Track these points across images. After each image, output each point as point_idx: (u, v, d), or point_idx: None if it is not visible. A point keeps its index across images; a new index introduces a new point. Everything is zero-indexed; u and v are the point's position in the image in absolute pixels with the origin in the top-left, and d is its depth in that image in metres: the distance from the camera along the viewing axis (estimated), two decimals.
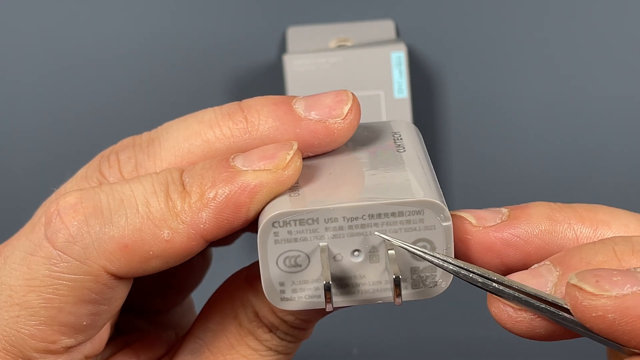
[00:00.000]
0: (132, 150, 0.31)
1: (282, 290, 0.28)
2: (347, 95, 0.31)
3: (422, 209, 0.28)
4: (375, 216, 0.28)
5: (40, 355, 0.29)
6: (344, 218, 0.28)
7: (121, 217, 0.28)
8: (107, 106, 0.58)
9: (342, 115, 0.30)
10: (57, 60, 0.58)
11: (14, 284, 0.29)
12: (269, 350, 0.32)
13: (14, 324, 0.29)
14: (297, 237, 0.28)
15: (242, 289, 0.32)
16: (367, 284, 0.28)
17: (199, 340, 0.32)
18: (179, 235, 0.28)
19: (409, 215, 0.28)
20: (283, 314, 0.31)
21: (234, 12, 0.58)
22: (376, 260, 0.28)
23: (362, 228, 0.28)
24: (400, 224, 0.28)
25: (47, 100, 0.58)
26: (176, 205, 0.28)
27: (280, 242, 0.28)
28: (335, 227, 0.28)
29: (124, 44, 0.58)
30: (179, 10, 0.58)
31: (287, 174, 0.29)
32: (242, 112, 0.31)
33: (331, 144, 0.30)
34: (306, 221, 0.28)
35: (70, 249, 0.28)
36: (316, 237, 0.28)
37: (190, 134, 0.31)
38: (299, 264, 0.28)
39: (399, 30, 0.58)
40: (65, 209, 0.29)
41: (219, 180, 0.28)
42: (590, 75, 0.59)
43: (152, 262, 0.29)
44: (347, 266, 0.28)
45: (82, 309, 0.29)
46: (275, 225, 0.28)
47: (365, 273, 0.28)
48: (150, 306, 0.37)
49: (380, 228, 0.28)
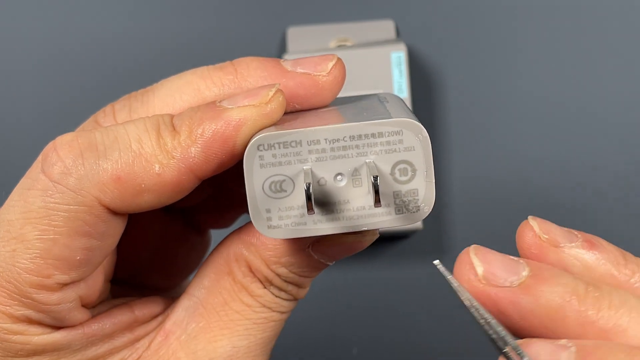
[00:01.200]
0: (127, 100, 0.33)
1: (268, 217, 0.29)
2: (332, 55, 0.32)
3: (401, 129, 0.28)
4: (356, 137, 0.28)
5: (34, 291, 0.30)
6: (325, 140, 0.28)
7: (114, 152, 0.30)
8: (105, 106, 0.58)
9: (327, 70, 0.32)
10: (56, 60, 0.58)
11: (11, 218, 0.30)
12: (262, 307, 0.32)
13: (10, 258, 0.30)
14: (281, 161, 0.29)
15: (235, 244, 0.32)
16: (351, 210, 0.29)
17: (193, 298, 0.33)
18: (169, 169, 0.30)
19: (389, 136, 0.28)
20: (276, 265, 0.32)
21: (234, 12, 0.58)
22: (359, 184, 0.29)
23: (344, 150, 0.29)
24: (380, 145, 0.28)
25: (47, 100, 0.58)
26: (167, 143, 0.30)
27: (265, 166, 0.29)
28: (318, 149, 0.29)
29: (123, 43, 0.58)
30: (179, 11, 0.58)
31: (270, 107, 0.30)
32: (232, 65, 0.32)
33: (317, 95, 0.32)
34: (290, 144, 0.28)
35: (65, 180, 0.29)
36: (300, 160, 0.29)
37: (182, 83, 0.33)
38: (284, 189, 0.29)
39: (399, 30, 0.58)
40: (61, 144, 0.30)
41: (206, 118, 0.30)
42: (590, 75, 0.59)
43: (144, 196, 0.30)
44: (331, 190, 0.29)
45: (76, 242, 0.30)
46: (260, 149, 0.29)
47: (349, 198, 0.29)
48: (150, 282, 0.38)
49: (361, 150, 0.28)
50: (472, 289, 0.28)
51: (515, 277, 0.28)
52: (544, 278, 0.27)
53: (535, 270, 0.28)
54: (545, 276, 0.27)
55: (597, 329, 0.27)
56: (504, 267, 0.28)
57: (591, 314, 0.27)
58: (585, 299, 0.27)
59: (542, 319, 0.27)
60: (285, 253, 0.31)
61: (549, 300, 0.27)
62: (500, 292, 0.27)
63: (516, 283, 0.27)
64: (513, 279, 0.27)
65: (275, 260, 0.31)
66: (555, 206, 0.59)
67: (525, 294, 0.27)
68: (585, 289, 0.27)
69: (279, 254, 0.31)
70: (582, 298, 0.27)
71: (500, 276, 0.28)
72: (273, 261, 0.31)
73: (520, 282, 0.27)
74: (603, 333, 0.27)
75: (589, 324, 0.27)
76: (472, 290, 0.28)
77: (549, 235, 0.29)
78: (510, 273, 0.28)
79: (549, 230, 0.29)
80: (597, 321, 0.27)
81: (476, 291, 0.28)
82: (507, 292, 0.27)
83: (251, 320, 0.32)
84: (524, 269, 0.28)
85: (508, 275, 0.28)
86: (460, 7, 0.58)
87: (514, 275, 0.28)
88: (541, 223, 0.30)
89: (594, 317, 0.27)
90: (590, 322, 0.27)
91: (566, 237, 0.29)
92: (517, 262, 0.28)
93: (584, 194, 0.59)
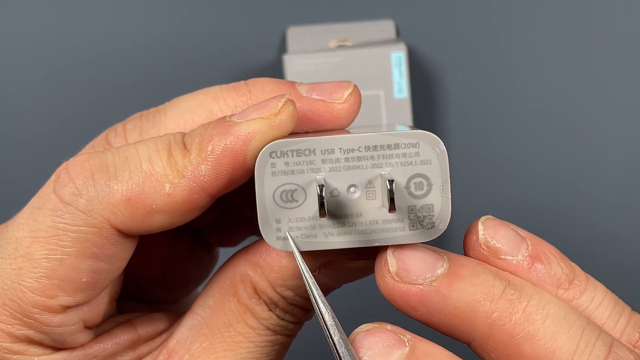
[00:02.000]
0: (139, 120, 0.33)
1: (278, 228, 0.28)
2: (348, 83, 0.32)
3: (418, 141, 0.28)
4: (372, 148, 0.28)
5: (37, 311, 0.30)
6: (340, 149, 0.28)
7: (125, 172, 0.29)
8: (106, 106, 0.58)
9: (342, 99, 0.31)
10: (56, 60, 0.58)
11: (19, 236, 0.30)
12: (267, 329, 0.32)
13: (15, 276, 0.30)
14: (294, 169, 0.28)
15: (241, 265, 0.32)
16: (364, 223, 0.28)
17: (197, 317, 0.32)
18: (180, 188, 0.29)
19: (405, 147, 0.28)
20: (282, 288, 0.31)
21: (234, 12, 0.58)
22: (373, 197, 0.28)
23: (358, 161, 0.28)
24: (396, 157, 0.28)
25: (46, 100, 0.58)
26: (177, 162, 0.29)
27: (277, 174, 0.28)
28: (332, 159, 0.28)
29: (123, 44, 0.58)
30: (179, 11, 0.58)
31: (279, 119, 0.29)
32: (246, 86, 0.32)
33: (331, 122, 0.31)
34: (303, 152, 0.28)
35: (75, 201, 0.29)
36: (313, 169, 0.28)
37: (194, 104, 0.32)
38: (296, 199, 0.28)
39: (399, 30, 0.58)
40: (73, 166, 0.30)
41: (215, 134, 0.29)
42: (591, 75, 0.59)
43: (155, 217, 0.29)
44: (344, 202, 0.28)
45: (83, 264, 0.29)
46: (272, 156, 0.28)
47: (362, 210, 0.28)
48: (156, 296, 0.37)
49: (376, 161, 0.28)
50: (384, 284, 0.28)
51: (429, 274, 0.28)
52: (459, 277, 0.28)
53: (454, 268, 0.28)
54: (462, 274, 0.28)
55: (505, 333, 0.27)
56: (421, 263, 0.28)
57: (501, 316, 0.27)
58: (498, 301, 0.27)
59: (450, 318, 0.27)
60: (292, 276, 0.31)
61: (457, 300, 0.27)
62: (410, 289, 0.27)
63: (428, 281, 0.28)
64: (427, 276, 0.28)
65: (281, 282, 0.31)
66: (554, 206, 0.59)
67: (435, 293, 0.27)
68: (502, 290, 0.27)
69: (285, 276, 0.31)
70: (496, 299, 0.27)
71: (413, 273, 0.28)
72: (279, 284, 0.31)
73: (433, 280, 0.27)
74: (510, 337, 0.27)
75: (497, 327, 0.27)
76: (383, 286, 0.28)
77: (494, 242, 0.29)
78: (426, 270, 0.28)
79: (497, 236, 0.29)
80: (505, 324, 0.27)
81: (387, 287, 0.28)
82: (417, 289, 0.27)
83: (255, 343, 0.32)
84: (442, 265, 0.28)
85: (422, 272, 0.28)
86: (460, 7, 0.58)
87: (428, 272, 0.28)
88: (491, 228, 0.29)
89: (503, 320, 0.27)
90: (499, 325, 0.27)
91: (512, 248, 0.29)
92: (437, 257, 0.28)
93: (584, 194, 0.59)
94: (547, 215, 0.60)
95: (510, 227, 0.29)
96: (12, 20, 0.58)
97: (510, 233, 0.29)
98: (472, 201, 0.59)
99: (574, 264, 0.29)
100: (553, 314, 0.27)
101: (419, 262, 0.28)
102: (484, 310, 0.27)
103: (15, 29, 0.58)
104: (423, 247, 0.28)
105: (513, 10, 0.58)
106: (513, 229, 0.29)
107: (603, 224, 0.59)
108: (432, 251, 0.28)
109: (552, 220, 0.59)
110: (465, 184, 0.59)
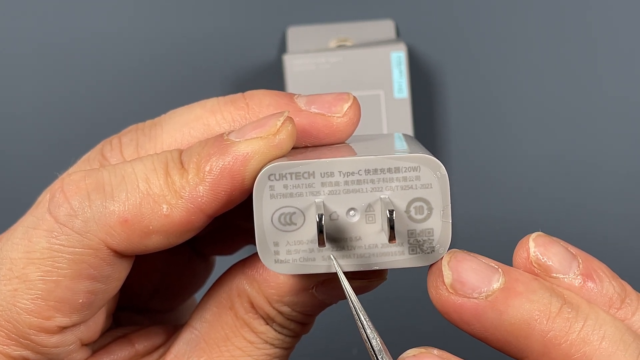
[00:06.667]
0: (135, 133, 0.32)
1: (276, 251, 0.28)
2: (347, 95, 0.31)
3: (419, 165, 0.27)
4: (372, 172, 0.27)
5: (33, 332, 0.29)
6: (340, 173, 0.27)
7: (122, 193, 0.29)
8: (106, 106, 0.58)
9: (342, 112, 0.30)
10: (56, 60, 0.58)
11: (14, 257, 0.29)
12: (265, 343, 0.31)
13: (11, 297, 0.29)
14: (292, 192, 0.27)
15: (238, 279, 0.31)
16: (363, 247, 0.28)
17: (195, 331, 0.32)
18: (177, 209, 0.29)
19: (406, 171, 0.27)
20: (278, 304, 0.31)
21: (234, 12, 0.58)
22: (372, 221, 0.28)
23: (358, 184, 0.27)
24: (397, 181, 0.27)
25: (46, 100, 0.58)
26: (175, 182, 0.29)
27: (276, 197, 0.27)
28: (332, 182, 0.27)
29: (123, 43, 0.58)
30: (179, 10, 0.58)
31: (278, 138, 0.29)
32: (244, 99, 0.31)
33: (330, 135, 0.31)
34: (302, 175, 0.27)
35: (71, 222, 0.29)
36: (312, 192, 0.27)
37: (192, 118, 0.31)
38: (294, 222, 0.28)
39: (399, 30, 0.58)
40: (68, 185, 0.29)
41: (213, 153, 0.29)
42: (591, 75, 0.59)
43: (152, 238, 0.29)
44: (343, 226, 0.28)
45: (79, 285, 0.29)
46: (271, 178, 0.27)
47: (361, 234, 0.28)
48: (152, 306, 0.37)
49: (376, 185, 0.27)
50: (437, 296, 0.27)
51: (485, 288, 0.27)
52: (516, 292, 0.27)
53: (510, 283, 0.27)
54: (518, 290, 0.27)
55: (561, 353, 0.26)
56: (476, 275, 0.27)
57: (557, 335, 0.26)
58: (555, 319, 0.27)
59: (504, 335, 0.27)
60: (289, 292, 0.30)
61: (513, 316, 0.27)
62: (465, 303, 0.27)
63: (483, 295, 0.27)
64: (482, 290, 0.27)
65: (278, 298, 0.30)
66: (555, 206, 0.59)
67: (490, 308, 0.27)
68: (559, 308, 0.27)
69: (281, 292, 0.30)
70: (552, 318, 0.27)
71: (469, 286, 0.27)
72: (275, 299, 0.30)
73: (488, 294, 0.27)
74: (565, 358, 0.26)
75: (553, 346, 0.26)
76: (436, 298, 0.27)
77: (545, 260, 0.28)
78: (482, 283, 0.27)
79: (548, 254, 0.28)
80: (561, 344, 0.26)
81: (441, 299, 0.27)
82: (472, 304, 0.27)
83: (253, 356, 0.31)
84: (499, 279, 0.27)
85: (478, 285, 0.27)
86: (460, 7, 0.58)
87: (484, 286, 0.27)
88: (542, 245, 0.28)
89: (560, 340, 0.26)
90: (555, 345, 0.26)
91: (563, 266, 0.28)
92: (492, 270, 0.27)
93: (585, 193, 0.59)
94: (548, 214, 0.60)
95: (561, 244, 0.28)
96: (12, 20, 0.58)
97: (561, 250, 0.28)
98: (470, 201, 0.59)
99: (625, 282, 0.28)
100: (609, 335, 0.26)
101: (475, 274, 0.27)
102: (540, 328, 0.26)
103: (14, 31, 0.58)
104: (476, 258, 0.27)
105: (513, 10, 0.58)
106: (564, 246, 0.28)
107: (604, 222, 0.59)
108: (486, 262, 0.27)
109: (552, 220, 0.59)
110: (464, 184, 0.59)
